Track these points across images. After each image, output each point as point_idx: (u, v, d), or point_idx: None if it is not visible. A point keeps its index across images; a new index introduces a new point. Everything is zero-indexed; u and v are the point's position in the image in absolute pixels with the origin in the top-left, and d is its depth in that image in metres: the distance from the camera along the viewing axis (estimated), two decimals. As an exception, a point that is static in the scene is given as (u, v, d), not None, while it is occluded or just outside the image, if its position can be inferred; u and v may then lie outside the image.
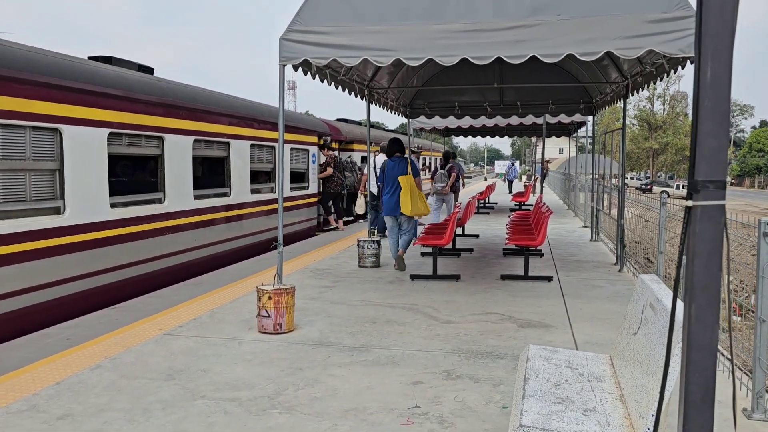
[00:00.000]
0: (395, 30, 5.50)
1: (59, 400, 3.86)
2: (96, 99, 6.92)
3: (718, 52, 1.24)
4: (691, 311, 1.29)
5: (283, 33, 5.72)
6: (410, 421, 3.59)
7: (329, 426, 3.53)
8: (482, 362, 4.63)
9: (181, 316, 5.96)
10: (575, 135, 20.18)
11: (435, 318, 5.90)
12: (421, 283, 7.58)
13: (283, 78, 5.78)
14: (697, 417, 1.31)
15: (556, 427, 2.46)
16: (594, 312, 6.15)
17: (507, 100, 11.92)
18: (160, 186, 8.28)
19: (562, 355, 3.37)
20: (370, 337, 5.28)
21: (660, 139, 59.04)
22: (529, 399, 2.75)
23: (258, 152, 11.21)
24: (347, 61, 5.66)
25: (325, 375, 4.36)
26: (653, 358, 2.51)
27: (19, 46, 6.20)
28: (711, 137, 1.25)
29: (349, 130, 16.97)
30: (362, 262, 8.62)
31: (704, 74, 1.24)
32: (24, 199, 6.10)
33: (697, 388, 1.30)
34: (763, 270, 3.62)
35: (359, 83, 8.64)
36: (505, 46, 5.31)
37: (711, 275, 1.26)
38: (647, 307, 2.90)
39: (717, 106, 1.25)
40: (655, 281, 3.09)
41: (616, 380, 3.04)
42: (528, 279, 7.76)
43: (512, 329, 5.52)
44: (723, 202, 1.26)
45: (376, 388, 4.12)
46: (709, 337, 1.27)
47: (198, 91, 9.38)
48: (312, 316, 5.97)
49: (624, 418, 2.60)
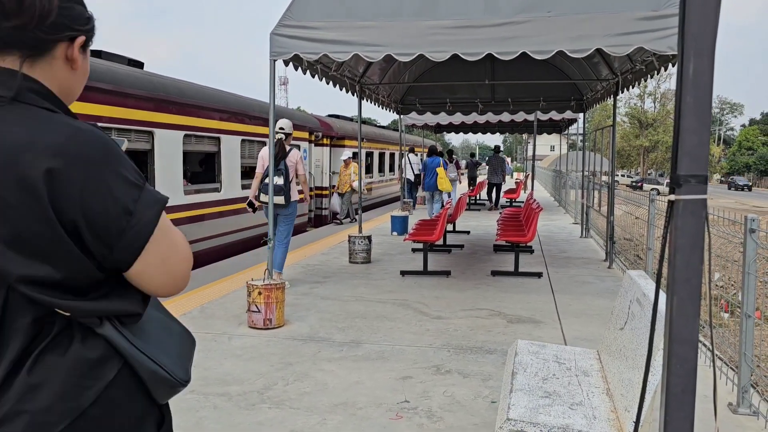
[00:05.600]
0: (386, 26, 5.50)
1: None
2: (84, 93, 6.88)
3: (701, 48, 1.25)
4: (673, 304, 1.31)
5: (273, 28, 5.71)
6: (399, 416, 3.61)
7: (318, 420, 3.54)
8: (471, 357, 4.65)
9: (171, 311, 5.93)
10: (566, 132, 20.24)
11: (425, 313, 5.92)
12: (411, 278, 7.60)
13: (273, 73, 5.77)
14: (678, 409, 1.32)
15: (542, 421, 2.48)
16: (583, 308, 6.19)
17: (498, 97, 11.95)
18: (149, 181, 8.25)
19: (550, 350, 3.40)
20: (360, 332, 5.29)
21: (651, 137, 59.34)
22: (517, 393, 2.77)
23: (249, 148, 11.18)
24: (338, 56, 5.65)
25: (314, 370, 4.37)
26: (639, 353, 2.54)
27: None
28: (693, 133, 1.27)
29: (340, 126, 16.95)
30: (353, 258, 8.63)
31: (686, 70, 1.26)
32: None
33: (679, 380, 1.32)
34: (749, 266, 3.65)
35: (350, 79, 8.64)
36: (495, 42, 5.33)
37: (692, 269, 1.28)
38: (634, 302, 2.93)
39: (699, 103, 1.27)
40: (642, 277, 3.11)
41: (603, 374, 3.07)
42: (518, 275, 7.80)
43: (502, 325, 5.55)
44: (705, 197, 1.28)
45: (365, 382, 4.13)
46: (690, 330, 1.29)
47: (188, 86, 9.34)
48: (302, 311, 5.98)
49: (610, 411, 2.63)
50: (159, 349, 1.22)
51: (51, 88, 1.15)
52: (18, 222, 1.04)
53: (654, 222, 6.74)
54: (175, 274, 1.18)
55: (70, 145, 1.06)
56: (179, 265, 1.18)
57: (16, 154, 1.04)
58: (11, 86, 1.08)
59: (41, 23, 1.09)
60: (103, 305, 1.12)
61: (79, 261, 1.08)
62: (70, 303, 1.09)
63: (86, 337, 1.12)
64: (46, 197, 1.03)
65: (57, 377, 1.08)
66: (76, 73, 1.20)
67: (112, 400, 1.13)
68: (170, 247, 1.16)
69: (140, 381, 1.18)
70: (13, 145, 1.04)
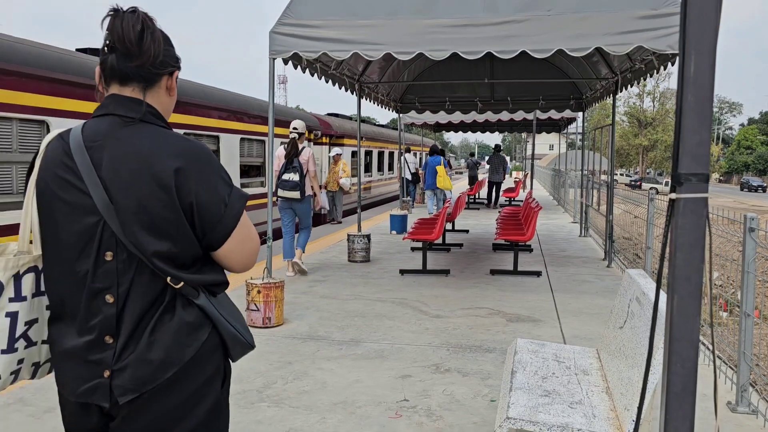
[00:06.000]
0: (386, 24, 5.49)
1: (46, 393, 3.85)
2: (84, 91, 6.87)
3: (702, 46, 1.25)
4: (673, 303, 1.31)
5: (273, 26, 5.70)
6: (399, 415, 3.61)
7: (318, 419, 3.54)
8: (471, 356, 4.66)
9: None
10: (565, 131, 20.25)
11: (424, 312, 5.92)
12: (410, 277, 7.60)
13: (273, 71, 5.77)
14: (678, 407, 1.32)
15: (542, 419, 2.48)
16: (582, 307, 6.19)
17: (498, 96, 11.95)
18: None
19: (550, 349, 3.40)
20: (359, 331, 5.29)
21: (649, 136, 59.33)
22: (517, 392, 2.77)
23: (248, 146, 11.17)
24: (337, 54, 5.65)
25: (313, 368, 4.37)
26: (639, 351, 2.54)
27: (6, 38, 6.14)
28: (694, 132, 1.27)
29: (339, 124, 16.95)
30: (352, 257, 8.63)
31: (687, 69, 1.26)
32: (10, 192, 6.06)
33: (679, 378, 1.31)
34: (748, 265, 3.65)
35: (350, 77, 8.63)
36: (495, 41, 5.32)
37: (693, 267, 1.28)
38: (633, 301, 2.93)
39: (700, 101, 1.27)
40: (641, 275, 3.11)
41: (603, 373, 3.07)
42: (517, 274, 7.80)
43: (501, 323, 5.55)
44: (706, 195, 1.27)
45: (364, 381, 4.13)
46: (691, 328, 1.29)
47: (187, 85, 9.33)
48: (301, 310, 5.97)
49: (610, 410, 2.63)
50: (234, 318, 1.56)
51: (158, 109, 1.54)
52: (153, 210, 1.39)
53: (653, 221, 6.75)
54: (249, 255, 1.54)
55: (186, 150, 1.44)
56: (252, 248, 1.55)
57: (150, 159, 1.40)
58: (139, 111, 1.48)
59: (154, 62, 1.49)
60: (202, 276, 1.49)
61: (190, 239, 1.44)
62: (181, 274, 1.44)
63: (185, 306, 1.47)
64: (174, 190, 1.40)
65: (168, 337, 1.44)
66: (172, 98, 1.60)
67: (202, 356, 1.48)
68: (247, 233, 1.53)
69: (220, 343, 1.53)
70: (146, 152, 1.41)
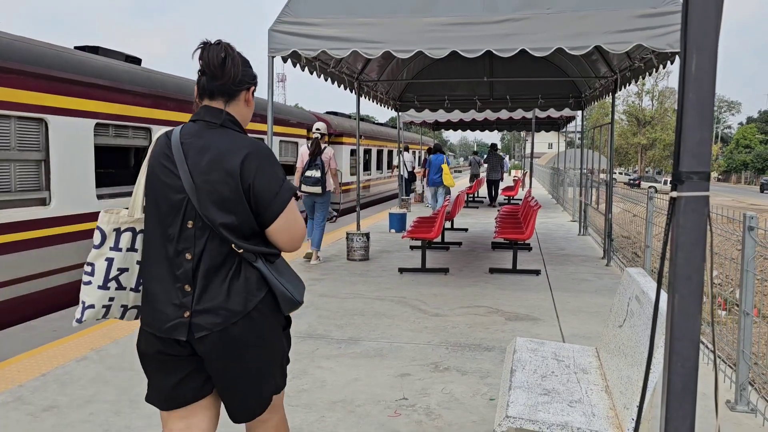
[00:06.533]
0: (385, 22, 5.49)
1: (45, 392, 3.84)
2: (83, 89, 6.86)
3: (703, 45, 1.24)
4: (674, 302, 1.30)
5: (272, 24, 5.69)
6: (397, 413, 3.61)
7: (317, 418, 3.53)
8: (470, 355, 4.65)
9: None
10: (564, 130, 20.25)
11: (423, 311, 5.92)
12: (409, 276, 7.59)
13: (272, 69, 5.76)
14: (678, 406, 1.32)
15: (541, 418, 2.48)
16: (581, 305, 6.19)
17: (497, 94, 11.94)
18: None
19: (549, 348, 3.40)
20: (358, 329, 5.29)
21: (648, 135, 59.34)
22: (516, 390, 2.77)
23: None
24: (337, 53, 5.64)
25: (312, 367, 4.37)
26: (638, 350, 2.54)
27: (4, 35, 6.12)
28: (695, 130, 1.26)
29: (338, 123, 16.94)
30: (351, 255, 8.63)
31: (689, 67, 1.25)
32: (8, 190, 6.05)
33: (679, 378, 1.31)
34: (747, 264, 3.65)
35: (349, 76, 8.62)
36: (494, 39, 5.32)
37: (694, 266, 1.27)
38: (633, 299, 2.92)
39: (701, 99, 1.26)
40: (641, 274, 3.11)
41: (602, 372, 3.07)
42: (516, 272, 7.80)
43: (500, 322, 5.55)
44: (707, 193, 1.27)
45: (363, 380, 4.13)
46: (692, 328, 1.28)
47: (186, 83, 9.31)
48: (300, 308, 5.97)
49: (609, 409, 2.63)
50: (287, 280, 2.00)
51: (237, 118, 2.01)
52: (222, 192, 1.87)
53: (652, 219, 6.75)
54: (295, 236, 1.99)
55: (252, 147, 1.91)
56: (297, 231, 1.99)
57: (225, 154, 1.89)
58: (219, 117, 1.95)
59: (234, 81, 1.96)
60: (259, 247, 1.95)
61: (248, 215, 1.91)
62: (242, 243, 1.91)
63: (248, 267, 1.93)
64: (239, 176, 1.87)
65: (237, 290, 1.91)
66: (250, 108, 2.07)
67: (261, 309, 1.94)
68: (293, 218, 1.97)
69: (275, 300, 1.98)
70: (223, 149, 1.90)
